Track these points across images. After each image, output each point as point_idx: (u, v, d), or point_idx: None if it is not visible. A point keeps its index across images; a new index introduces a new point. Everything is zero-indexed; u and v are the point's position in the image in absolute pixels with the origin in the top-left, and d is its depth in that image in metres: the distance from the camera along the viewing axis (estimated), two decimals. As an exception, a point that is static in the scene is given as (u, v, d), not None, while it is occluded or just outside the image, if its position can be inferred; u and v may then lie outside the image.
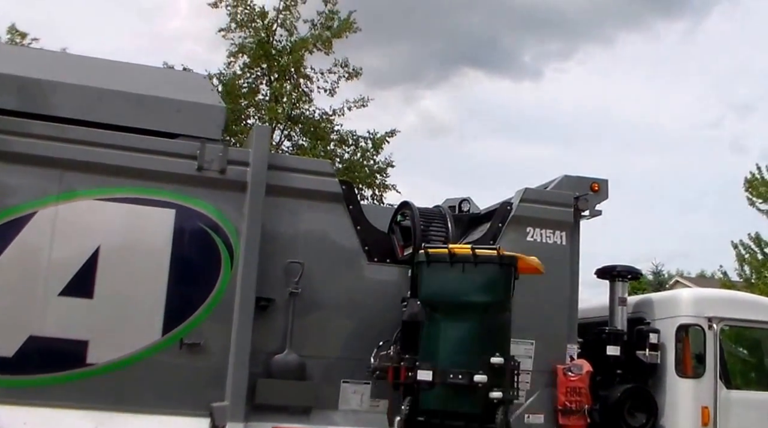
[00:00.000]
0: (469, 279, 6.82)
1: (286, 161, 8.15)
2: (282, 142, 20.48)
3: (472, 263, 6.81)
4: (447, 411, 6.74)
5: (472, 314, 6.80)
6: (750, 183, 23.84)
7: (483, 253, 6.86)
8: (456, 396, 6.68)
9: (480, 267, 6.81)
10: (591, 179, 8.19)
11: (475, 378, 6.57)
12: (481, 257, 6.82)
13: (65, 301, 6.62)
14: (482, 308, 6.82)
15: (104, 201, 6.81)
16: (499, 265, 6.82)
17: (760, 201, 23.63)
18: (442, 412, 6.76)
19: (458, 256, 6.86)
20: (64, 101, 6.92)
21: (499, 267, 6.83)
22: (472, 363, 6.64)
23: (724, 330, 8.25)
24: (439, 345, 6.83)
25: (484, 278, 6.84)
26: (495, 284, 6.87)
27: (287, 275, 7.07)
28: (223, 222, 6.99)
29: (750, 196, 23.80)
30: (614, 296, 8.39)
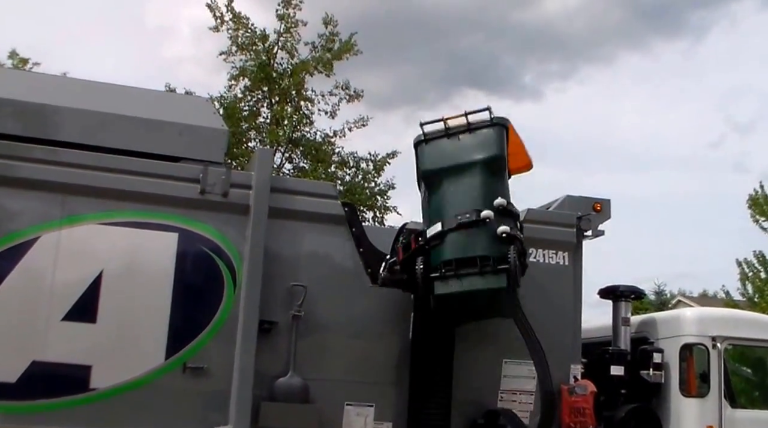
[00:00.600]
0: (466, 145, 7.08)
1: (288, 183, 8.18)
2: (283, 164, 20.51)
3: (467, 131, 7.10)
4: (460, 258, 6.72)
5: (472, 172, 6.97)
6: (753, 201, 23.85)
7: (476, 119, 7.09)
8: (467, 239, 6.75)
9: (474, 133, 7.08)
10: (593, 199, 8.21)
11: (482, 214, 6.69)
12: (474, 124, 7.07)
13: (68, 326, 6.61)
14: (480, 165, 6.99)
15: (107, 225, 6.81)
16: (491, 127, 7.06)
17: (764, 219, 23.63)
18: (455, 261, 6.72)
19: (454, 128, 7.11)
20: (67, 126, 6.94)
21: (492, 128, 7.06)
22: (477, 205, 6.78)
23: (728, 349, 8.25)
24: (444, 204, 6.98)
25: (479, 140, 7.07)
26: (490, 143, 7.05)
27: (290, 298, 7.06)
28: (226, 245, 7.00)
29: (753, 214, 23.81)
30: (617, 316, 8.40)
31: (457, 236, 6.76)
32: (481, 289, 6.72)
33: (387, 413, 7.20)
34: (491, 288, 6.71)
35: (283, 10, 20.51)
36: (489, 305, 7.04)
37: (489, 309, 7.13)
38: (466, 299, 6.84)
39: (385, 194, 21.13)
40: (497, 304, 6.98)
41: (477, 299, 6.87)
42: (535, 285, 7.55)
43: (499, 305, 6.98)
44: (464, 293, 6.74)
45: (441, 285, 6.77)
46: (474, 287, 6.70)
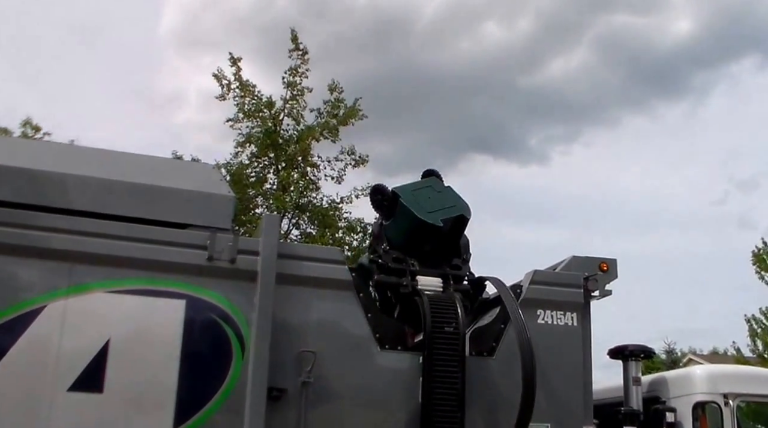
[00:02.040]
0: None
1: (295, 249, 8.16)
2: (290, 230, 20.65)
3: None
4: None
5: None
6: (757, 257, 23.85)
7: None
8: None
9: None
10: (599, 259, 8.18)
11: None
12: None
13: (75, 397, 6.52)
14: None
15: (114, 293, 6.77)
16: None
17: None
18: None
19: None
20: (74, 194, 6.95)
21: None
22: None
23: (741, 406, 8.16)
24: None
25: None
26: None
27: (299, 365, 7.00)
28: (234, 312, 6.95)
29: (758, 270, 23.79)
30: (628, 375, 8.32)
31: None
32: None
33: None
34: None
35: (290, 78, 20.78)
36: None
37: None
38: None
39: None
40: None
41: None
42: (544, 347, 7.51)
43: None
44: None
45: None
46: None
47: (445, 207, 7.92)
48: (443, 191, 8.15)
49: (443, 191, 8.16)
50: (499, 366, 7.51)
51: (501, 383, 7.44)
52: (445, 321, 7.50)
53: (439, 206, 7.91)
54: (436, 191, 8.10)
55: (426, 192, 8.03)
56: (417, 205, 7.80)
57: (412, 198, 7.88)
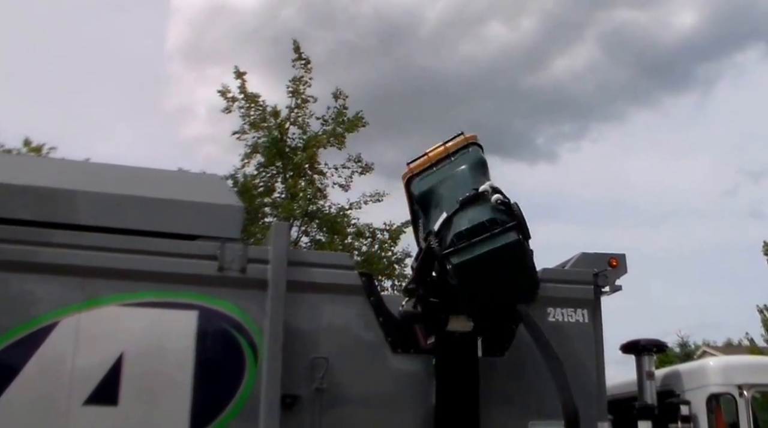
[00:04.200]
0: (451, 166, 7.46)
1: (305, 256, 8.19)
2: (300, 238, 20.75)
3: (448, 157, 7.51)
4: (470, 228, 6.83)
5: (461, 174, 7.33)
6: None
7: (453, 143, 7.56)
8: (472, 212, 6.91)
9: (455, 157, 7.49)
10: (609, 255, 8.18)
11: (480, 188, 6.99)
12: (453, 150, 7.53)
13: (90, 410, 6.57)
14: (467, 167, 7.38)
15: (127, 306, 6.82)
16: (468, 147, 7.55)
17: (780, 264, 23.58)
18: (467, 231, 6.82)
19: (437, 158, 7.53)
20: (84, 209, 7.01)
21: (469, 148, 7.54)
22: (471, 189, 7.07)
23: (756, 396, 8.16)
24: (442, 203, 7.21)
25: (461, 159, 7.46)
26: (471, 156, 7.50)
27: (312, 371, 7.04)
28: (246, 321, 6.99)
29: (769, 259, 23.78)
30: (641, 370, 8.33)
31: (462, 213, 6.91)
32: (496, 248, 6.75)
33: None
34: (506, 244, 6.76)
35: (294, 87, 20.92)
36: (507, 281, 7.02)
37: (508, 287, 7.07)
38: (484, 267, 6.82)
39: (402, 262, 21.25)
40: (515, 280, 7.02)
41: (494, 266, 6.85)
42: (556, 344, 7.51)
43: (516, 283, 7.04)
44: (481, 256, 6.76)
45: (457, 256, 6.81)
46: (488, 248, 6.75)
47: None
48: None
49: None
50: (509, 367, 7.53)
51: (511, 383, 7.46)
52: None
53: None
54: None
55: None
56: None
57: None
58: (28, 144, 22.45)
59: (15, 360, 6.49)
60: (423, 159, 7.57)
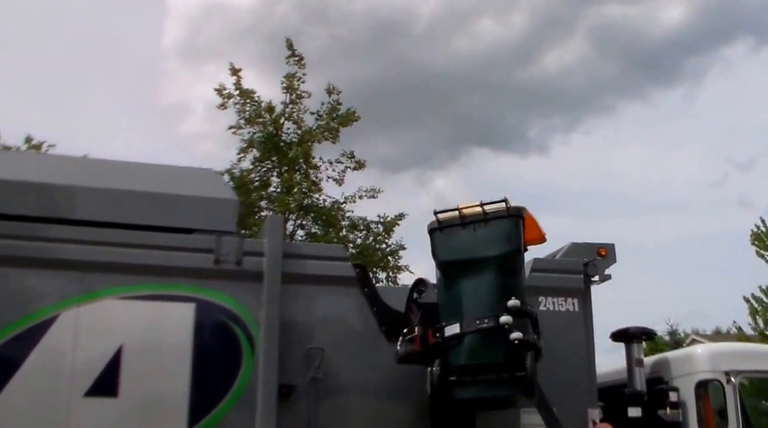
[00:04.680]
0: (482, 237, 6.99)
1: (299, 248, 8.30)
2: (295, 231, 20.92)
3: (483, 221, 7.01)
4: (477, 364, 6.70)
5: (488, 268, 6.89)
6: (756, 236, 23.97)
7: (492, 209, 7.02)
8: (484, 345, 6.71)
9: (490, 224, 7.00)
10: (598, 245, 8.32)
11: (500, 320, 6.63)
12: (490, 214, 7.00)
13: (90, 402, 6.68)
14: (497, 261, 6.90)
15: (125, 299, 6.93)
16: (507, 218, 6.99)
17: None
18: (472, 367, 6.70)
19: (469, 217, 7.05)
20: (82, 204, 7.09)
21: (508, 220, 6.99)
22: (495, 310, 6.71)
23: (743, 382, 8.29)
24: (461, 302, 6.88)
25: (495, 233, 6.98)
26: (507, 236, 6.98)
27: (308, 361, 7.15)
28: (242, 313, 7.10)
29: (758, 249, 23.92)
30: (631, 357, 8.43)
31: (476, 340, 6.73)
32: (501, 397, 6.90)
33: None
34: (511, 394, 6.83)
35: (288, 82, 21.06)
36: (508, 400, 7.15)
37: (508, 403, 7.23)
38: (484, 400, 6.95)
39: (397, 254, 21.45)
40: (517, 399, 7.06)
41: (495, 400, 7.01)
42: (547, 333, 7.62)
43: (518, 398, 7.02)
44: (484, 398, 6.86)
45: (460, 391, 6.78)
46: (493, 393, 6.80)
47: None
48: None
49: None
50: None
51: None
52: None
53: None
54: None
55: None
56: None
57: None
58: (29, 141, 22.49)
59: (16, 353, 6.60)
60: (452, 214, 7.15)
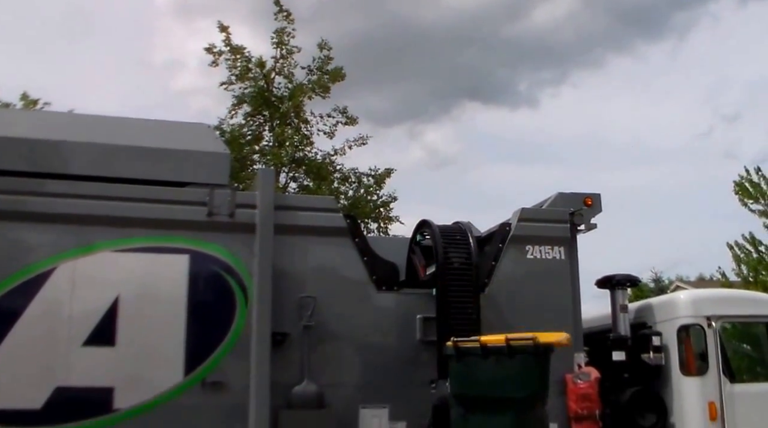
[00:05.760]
0: (504, 371, 6.26)
1: (291, 200, 8.41)
2: (288, 184, 21.03)
3: (506, 354, 6.25)
4: None
5: (508, 410, 6.21)
6: (739, 186, 24.15)
7: (518, 344, 6.23)
8: None
9: (515, 359, 6.23)
10: (584, 195, 8.47)
11: None
12: (516, 347, 6.22)
13: (89, 351, 6.85)
14: (519, 403, 6.24)
15: (120, 252, 7.06)
16: (534, 355, 6.23)
17: (751, 202, 23.93)
18: None
19: (490, 348, 6.33)
20: (76, 159, 7.19)
21: (535, 358, 6.24)
22: None
23: (724, 327, 8.49)
24: None
25: (519, 370, 6.24)
26: (532, 376, 6.27)
27: (300, 310, 7.32)
28: (236, 263, 7.24)
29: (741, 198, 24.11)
30: (615, 304, 8.60)
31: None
32: None
33: (401, 413, 7.45)
34: None
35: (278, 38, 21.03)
36: None
37: None
38: None
39: (388, 205, 21.66)
40: None
41: None
42: (533, 281, 7.85)
43: None
44: None
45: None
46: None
47: None
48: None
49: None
50: (488, 302, 7.82)
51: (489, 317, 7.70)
52: (457, 251, 7.76)
53: None
54: None
55: None
56: None
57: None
58: (25, 98, 22.37)
59: (15, 305, 6.76)
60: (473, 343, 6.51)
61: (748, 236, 23.56)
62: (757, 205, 23.80)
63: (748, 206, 23.92)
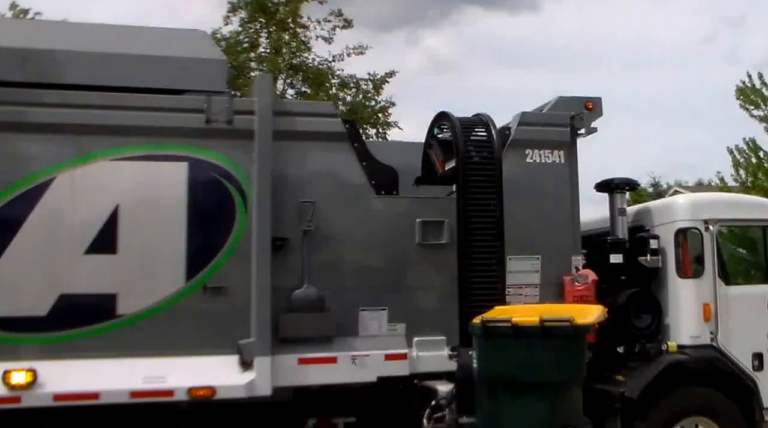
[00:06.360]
0: (538, 354, 5.90)
1: (289, 106, 8.38)
2: (285, 91, 20.89)
3: (540, 337, 5.86)
4: None
5: (544, 395, 5.89)
6: (741, 91, 23.93)
7: (553, 326, 5.85)
8: None
9: (550, 341, 5.87)
10: (585, 98, 8.44)
11: None
12: (550, 328, 5.85)
13: (91, 258, 6.92)
14: (555, 387, 5.94)
15: (119, 161, 7.06)
16: (572, 338, 5.93)
17: (753, 108, 23.77)
18: None
19: (523, 329, 5.90)
20: (71, 69, 7.11)
21: (572, 340, 5.95)
22: None
23: (721, 230, 8.56)
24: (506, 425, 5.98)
25: (555, 352, 5.90)
26: (568, 358, 5.97)
27: (300, 215, 7.36)
28: (235, 170, 7.26)
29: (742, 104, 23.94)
30: (614, 207, 8.67)
31: None
32: None
33: (400, 314, 7.58)
34: None
35: None
36: None
37: None
38: None
39: (387, 110, 21.56)
40: None
41: None
42: (533, 184, 7.87)
43: None
44: None
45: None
46: None
47: None
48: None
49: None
50: None
51: None
52: (479, 145, 7.52)
53: None
54: None
55: None
56: None
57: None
58: (14, 8, 21.98)
59: (16, 215, 6.81)
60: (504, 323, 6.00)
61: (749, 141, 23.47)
62: (759, 111, 23.64)
63: (750, 112, 23.77)
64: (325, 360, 7.30)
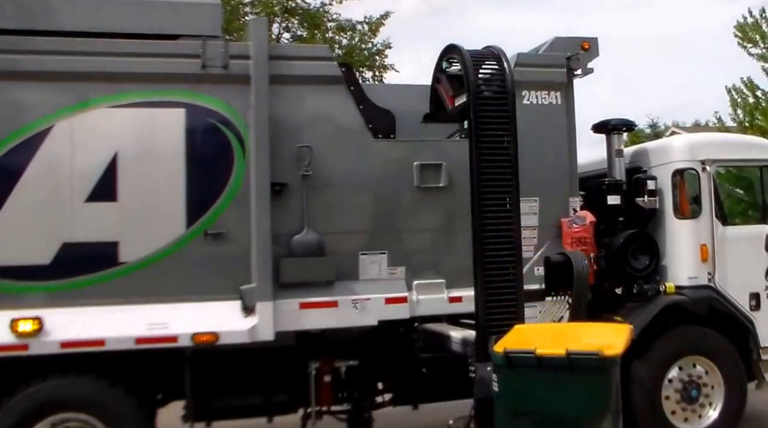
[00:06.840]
0: (564, 388, 5.55)
1: (284, 50, 8.33)
2: (281, 34, 20.70)
3: (566, 368, 5.49)
4: None
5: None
6: (740, 28, 23.75)
7: (580, 359, 5.46)
8: None
9: (576, 374, 5.49)
10: (581, 39, 8.40)
11: None
12: (577, 362, 5.46)
13: (92, 206, 6.94)
14: (580, 424, 5.57)
15: (117, 108, 7.04)
16: (600, 370, 5.49)
17: (751, 46, 23.61)
18: None
19: (547, 360, 5.54)
20: (64, 15, 7.05)
21: (600, 373, 5.50)
22: None
23: (718, 171, 8.58)
24: None
25: (581, 387, 5.52)
26: (596, 393, 5.55)
27: (298, 160, 7.37)
28: (232, 115, 7.24)
29: (741, 41, 23.77)
30: (611, 148, 8.68)
31: None
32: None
33: (399, 258, 7.64)
34: None
35: None
36: None
37: None
38: None
39: (383, 53, 21.41)
40: None
41: None
42: (530, 126, 7.82)
43: None
44: None
45: None
46: None
47: None
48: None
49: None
50: None
51: None
52: (491, 78, 7.17)
53: None
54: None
55: None
56: None
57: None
58: None
59: (16, 163, 6.81)
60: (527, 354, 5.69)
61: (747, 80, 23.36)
62: (756, 49, 23.50)
63: (748, 50, 23.63)
64: (327, 305, 7.36)
